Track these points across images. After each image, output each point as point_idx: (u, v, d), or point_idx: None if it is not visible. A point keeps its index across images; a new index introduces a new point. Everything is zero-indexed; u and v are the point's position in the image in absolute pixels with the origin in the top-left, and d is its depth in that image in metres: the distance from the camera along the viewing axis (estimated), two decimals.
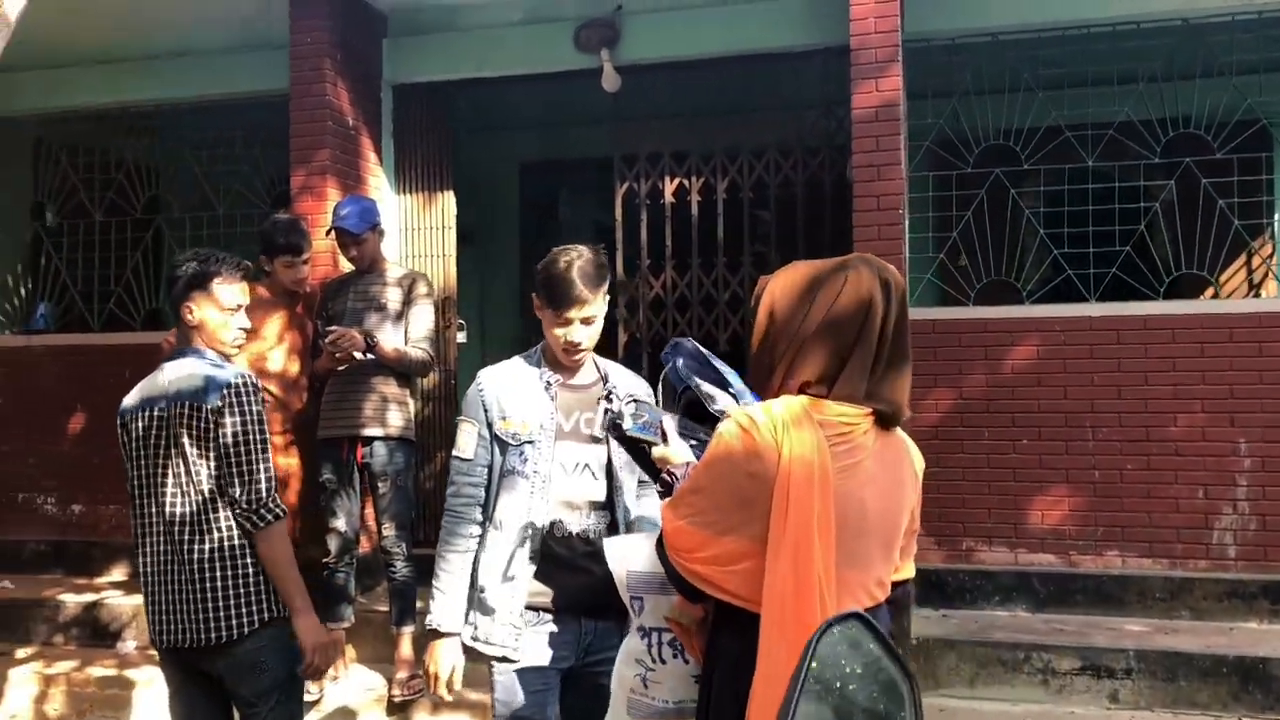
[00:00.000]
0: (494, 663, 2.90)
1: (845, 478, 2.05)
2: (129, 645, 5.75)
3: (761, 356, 2.20)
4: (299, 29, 5.86)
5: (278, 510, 3.07)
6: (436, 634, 2.92)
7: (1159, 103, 5.72)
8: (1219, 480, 5.29)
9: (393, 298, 4.99)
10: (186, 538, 3.04)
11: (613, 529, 2.95)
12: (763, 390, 2.23)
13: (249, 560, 3.06)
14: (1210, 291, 6.29)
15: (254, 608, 3.05)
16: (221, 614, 3.02)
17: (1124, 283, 5.80)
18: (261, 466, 3.06)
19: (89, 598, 6.02)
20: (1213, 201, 5.61)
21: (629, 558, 2.43)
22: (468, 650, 2.94)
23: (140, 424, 3.10)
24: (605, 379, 3.02)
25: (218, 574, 3.03)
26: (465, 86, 6.51)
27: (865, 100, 5.17)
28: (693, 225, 6.06)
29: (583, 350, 2.92)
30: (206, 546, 3.03)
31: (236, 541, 3.05)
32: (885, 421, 2.15)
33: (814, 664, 1.30)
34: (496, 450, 2.91)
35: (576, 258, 2.86)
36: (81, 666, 5.46)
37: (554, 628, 2.91)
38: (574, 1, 6.02)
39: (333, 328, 4.79)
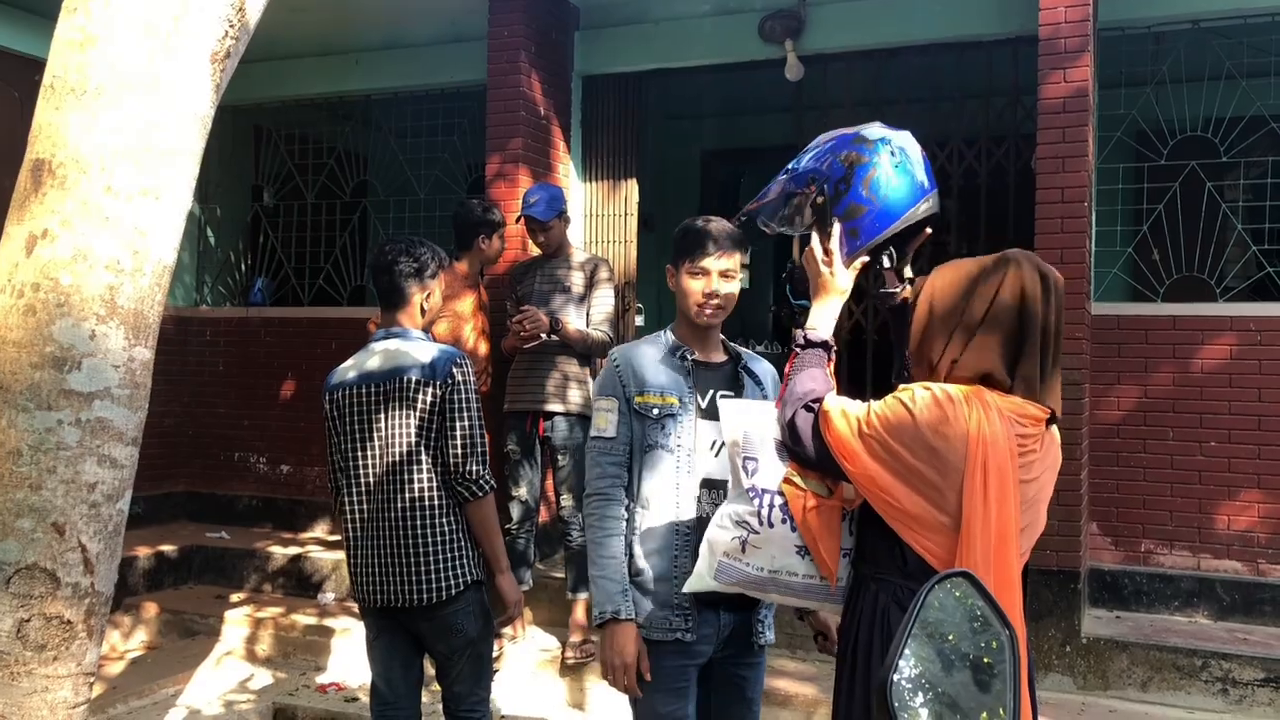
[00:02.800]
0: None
1: (1020, 471, 2.10)
2: (328, 597, 6.21)
3: (921, 351, 2.24)
4: (497, 23, 6.15)
5: (492, 482, 3.33)
6: (616, 621, 2.73)
7: None
8: None
9: (576, 281, 5.23)
10: (399, 508, 3.26)
11: None
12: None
13: (452, 530, 3.29)
14: None
15: (455, 574, 3.28)
16: (427, 580, 3.26)
17: None
18: (483, 442, 3.31)
19: (294, 551, 6.54)
20: None
21: (747, 419, 2.33)
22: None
23: (356, 397, 3.32)
24: (738, 358, 2.97)
25: (425, 543, 3.25)
26: (651, 77, 6.68)
27: (1053, 91, 5.09)
28: None
29: (718, 305, 2.85)
30: (418, 517, 3.26)
31: (442, 511, 3.28)
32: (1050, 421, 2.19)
33: (924, 612, 1.40)
34: (636, 426, 2.82)
35: (713, 218, 2.95)
36: (286, 613, 5.94)
37: (693, 618, 2.76)
38: None
39: (522, 308, 5.06)
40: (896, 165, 2.30)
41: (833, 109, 6.18)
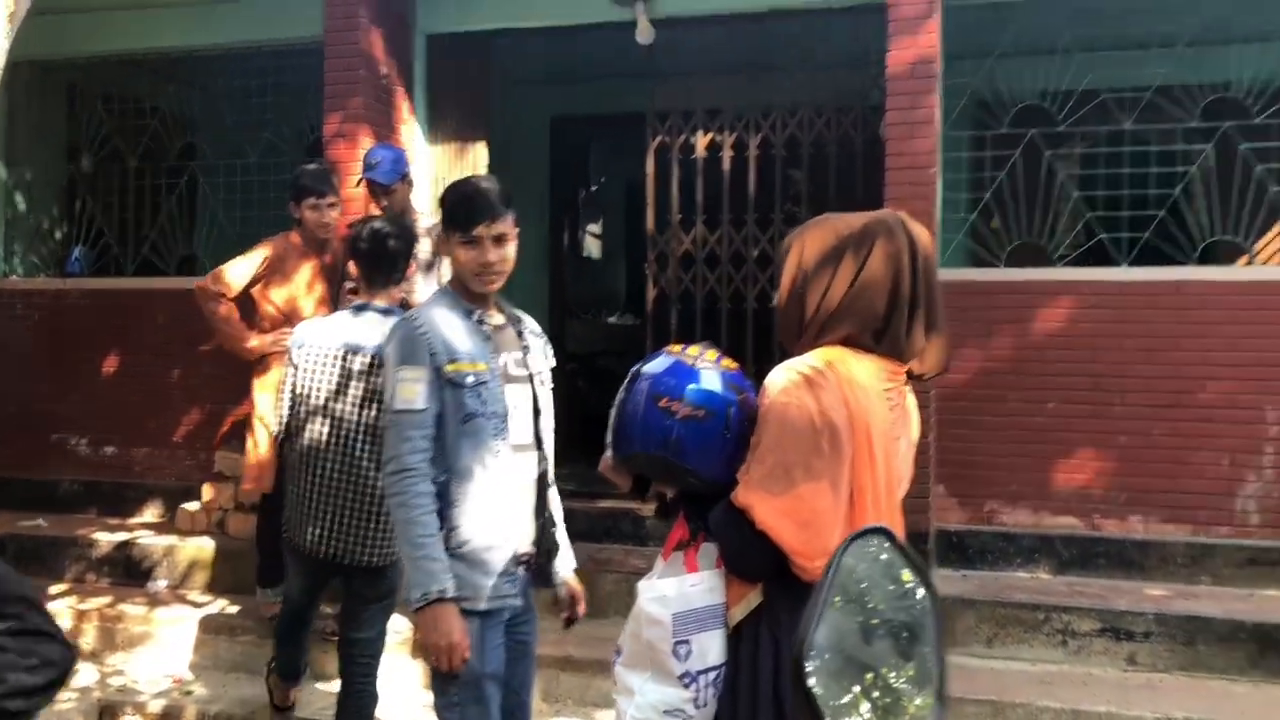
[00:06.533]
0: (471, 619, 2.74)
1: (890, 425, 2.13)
2: (160, 584, 5.85)
3: (790, 309, 2.22)
4: None
5: None
6: (441, 601, 2.65)
7: (1199, 67, 5.64)
8: (1246, 448, 5.26)
9: (423, 248, 5.01)
10: (368, 473, 3.59)
11: (542, 476, 2.93)
12: (789, 342, 2.24)
13: None
14: (1245, 259, 6.22)
15: None
16: (385, 545, 3.64)
17: (1157, 248, 5.74)
18: None
19: (121, 537, 6.13)
20: (1250, 167, 5.55)
21: (668, 598, 2.18)
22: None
23: (323, 360, 3.64)
24: (516, 320, 2.99)
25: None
26: (499, 37, 6.48)
27: (901, 57, 5.13)
28: (724, 182, 6.04)
29: (496, 273, 2.83)
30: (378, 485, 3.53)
31: None
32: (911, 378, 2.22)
33: (839, 578, 1.30)
34: (449, 396, 2.74)
35: (480, 179, 2.97)
36: (114, 604, 5.58)
37: (517, 582, 2.85)
38: None
39: None
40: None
41: (684, 75, 6.12)
